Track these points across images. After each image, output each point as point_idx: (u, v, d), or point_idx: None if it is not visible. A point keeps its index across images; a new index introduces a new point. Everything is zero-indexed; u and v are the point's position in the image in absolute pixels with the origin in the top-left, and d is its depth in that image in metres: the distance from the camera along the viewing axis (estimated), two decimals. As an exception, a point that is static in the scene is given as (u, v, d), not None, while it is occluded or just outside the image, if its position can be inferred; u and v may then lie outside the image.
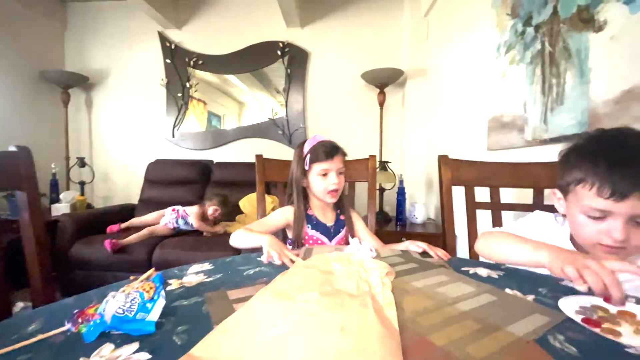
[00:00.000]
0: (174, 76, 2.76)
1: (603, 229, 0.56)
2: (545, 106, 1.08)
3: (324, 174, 0.95)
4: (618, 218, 0.53)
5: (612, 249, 0.56)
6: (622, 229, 0.53)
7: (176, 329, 0.39)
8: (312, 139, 0.99)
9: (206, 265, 0.63)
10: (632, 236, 0.54)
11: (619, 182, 0.52)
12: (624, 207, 0.52)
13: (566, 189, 0.62)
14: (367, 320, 0.33)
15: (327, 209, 1.03)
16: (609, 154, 0.54)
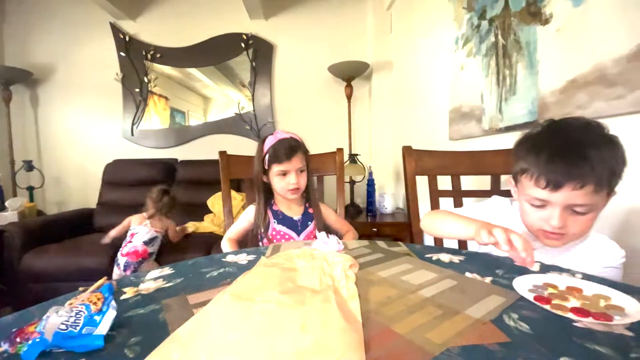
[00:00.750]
0: (130, 70, 2.60)
1: (543, 217, 0.60)
2: (500, 97, 1.13)
3: (282, 174, 0.96)
4: (555, 207, 0.57)
5: (551, 235, 0.60)
6: (558, 217, 0.57)
7: (128, 342, 0.36)
8: (272, 136, 0.98)
9: (166, 270, 0.59)
10: (570, 224, 0.58)
11: (553, 173, 0.56)
12: (559, 196, 0.56)
13: (516, 178, 0.66)
14: (329, 315, 0.33)
15: (292, 203, 1.03)
16: (549, 146, 0.58)
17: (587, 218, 0.57)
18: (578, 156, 0.54)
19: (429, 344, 0.33)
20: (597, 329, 0.35)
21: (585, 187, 0.54)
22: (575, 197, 0.55)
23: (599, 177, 0.54)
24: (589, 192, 0.54)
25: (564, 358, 0.30)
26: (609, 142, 0.56)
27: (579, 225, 0.58)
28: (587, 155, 0.54)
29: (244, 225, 0.99)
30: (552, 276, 0.50)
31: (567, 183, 0.54)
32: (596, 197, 0.55)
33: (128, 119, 2.63)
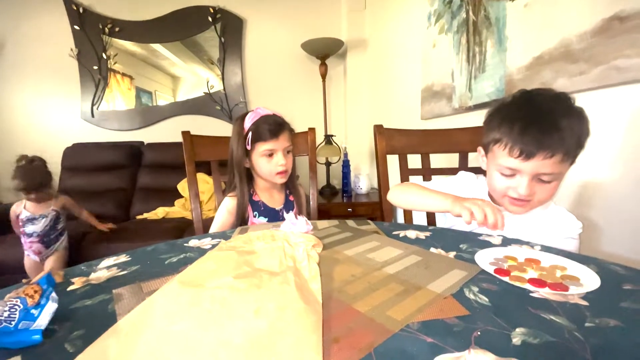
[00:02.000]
0: (86, 46, 2.40)
1: (511, 185, 0.62)
2: (469, 74, 1.13)
3: (269, 154, 0.86)
4: (525, 175, 0.59)
5: (517, 201, 0.62)
6: (527, 185, 0.59)
7: (70, 336, 0.33)
8: (253, 112, 0.88)
9: (122, 258, 0.56)
10: (537, 190, 0.60)
11: (527, 143, 0.57)
12: (530, 166, 0.58)
13: (487, 148, 0.67)
14: (286, 297, 0.31)
15: (273, 191, 0.95)
16: (522, 116, 0.59)
17: (552, 186, 0.60)
18: (550, 126, 0.55)
19: (389, 321, 0.32)
20: (553, 299, 0.36)
21: (554, 157, 0.56)
22: (544, 166, 0.57)
23: (568, 147, 0.56)
24: (557, 162, 0.56)
25: (520, 329, 0.30)
26: (577, 113, 0.58)
27: (544, 192, 0.60)
28: (559, 125, 0.55)
29: (229, 221, 0.89)
30: (512, 249, 0.51)
31: (539, 152, 0.56)
32: (562, 166, 0.57)
33: (87, 99, 2.44)
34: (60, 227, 1.59)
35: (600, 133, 0.73)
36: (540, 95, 0.61)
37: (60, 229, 1.59)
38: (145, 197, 2.18)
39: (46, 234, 1.53)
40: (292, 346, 0.25)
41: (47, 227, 1.53)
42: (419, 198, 0.70)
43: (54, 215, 1.56)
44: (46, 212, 1.54)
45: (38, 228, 1.51)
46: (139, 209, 2.14)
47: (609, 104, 0.72)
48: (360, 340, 0.29)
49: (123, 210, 2.15)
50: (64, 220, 1.63)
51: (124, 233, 1.78)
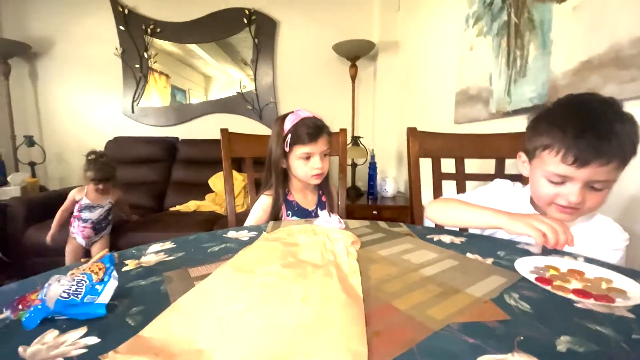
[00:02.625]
0: (130, 45, 2.54)
1: (561, 192, 0.59)
2: (509, 78, 1.10)
3: (306, 157, 0.87)
4: (576, 183, 0.56)
5: (566, 209, 0.59)
6: (578, 193, 0.56)
7: (130, 311, 0.37)
8: (294, 114, 0.88)
9: (167, 244, 0.59)
10: (587, 199, 0.57)
11: (582, 150, 0.53)
12: (584, 173, 0.55)
13: (532, 153, 0.64)
14: (330, 289, 0.33)
15: (307, 192, 0.96)
16: (576, 122, 0.56)
17: (603, 194, 0.57)
18: (607, 132, 0.52)
19: (429, 320, 0.33)
20: (598, 310, 0.35)
21: (610, 164, 0.53)
22: (598, 173, 0.54)
23: (624, 153, 0.53)
24: (612, 169, 0.54)
25: (565, 337, 0.30)
26: (630, 118, 0.55)
27: (594, 200, 0.57)
28: (615, 130, 0.52)
29: (263, 217, 0.90)
30: (553, 259, 0.49)
31: (595, 160, 0.53)
32: (616, 174, 0.55)
33: (128, 95, 2.59)
34: (110, 218, 1.73)
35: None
36: (591, 99, 0.57)
37: (110, 219, 1.73)
38: (178, 191, 2.28)
39: (99, 222, 1.67)
40: (337, 334, 0.27)
41: (101, 217, 1.67)
42: (465, 215, 0.66)
43: (110, 206, 1.70)
44: (104, 203, 1.67)
45: (94, 216, 1.65)
46: (173, 201, 2.24)
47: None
48: (402, 336, 0.30)
49: (157, 202, 2.26)
50: (114, 211, 1.77)
51: (160, 223, 1.87)
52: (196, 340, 0.26)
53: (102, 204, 1.67)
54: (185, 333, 0.27)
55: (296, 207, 0.93)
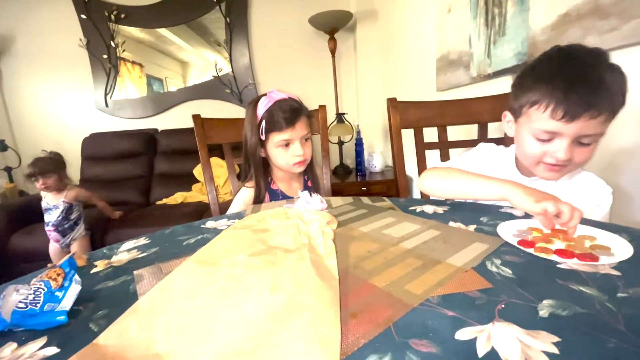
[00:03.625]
0: (95, 35, 2.40)
1: (549, 149, 0.56)
2: (488, 39, 1.06)
3: (285, 144, 0.80)
4: (564, 138, 0.54)
5: (554, 167, 0.57)
6: (566, 149, 0.54)
7: (94, 315, 0.34)
8: (266, 97, 0.80)
9: (142, 240, 0.57)
10: (575, 154, 0.55)
11: (572, 103, 0.51)
12: (573, 128, 0.52)
13: (518, 112, 0.61)
14: (302, 274, 0.31)
15: (292, 181, 0.91)
16: (564, 75, 0.53)
17: (590, 148, 0.55)
18: (598, 83, 0.50)
19: (408, 296, 0.31)
20: (582, 269, 0.34)
21: (600, 116, 0.51)
22: (588, 127, 0.52)
23: (614, 105, 0.51)
24: (601, 122, 0.52)
25: (547, 301, 0.29)
26: (617, 67, 0.52)
27: (582, 156, 0.56)
28: (605, 81, 0.50)
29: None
30: (536, 220, 0.48)
31: (586, 113, 0.51)
32: (605, 126, 0.53)
33: (100, 89, 2.47)
34: (74, 218, 1.65)
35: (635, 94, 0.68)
36: (579, 50, 0.54)
37: (74, 219, 1.65)
38: (163, 183, 2.23)
39: (59, 223, 1.61)
40: (309, 321, 0.25)
41: (59, 218, 1.60)
42: (467, 185, 0.60)
43: (65, 206, 1.62)
44: (58, 203, 1.61)
45: (52, 218, 1.60)
46: (158, 194, 2.19)
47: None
48: (379, 315, 0.29)
49: (143, 197, 2.21)
50: (79, 210, 1.69)
51: (146, 218, 1.83)
52: (154, 343, 0.24)
53: (57, 205, 1.61)
54: (143, 337, 0.24)
55: (281, 196, 0.88)
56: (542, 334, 0.25)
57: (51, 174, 1.57)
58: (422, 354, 0.24)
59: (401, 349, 0.25)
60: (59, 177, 1.60)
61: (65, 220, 1.62)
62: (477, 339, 0.25)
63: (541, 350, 0.23)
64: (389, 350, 0.25)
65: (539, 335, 0.25)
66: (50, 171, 1.57)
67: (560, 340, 0.24)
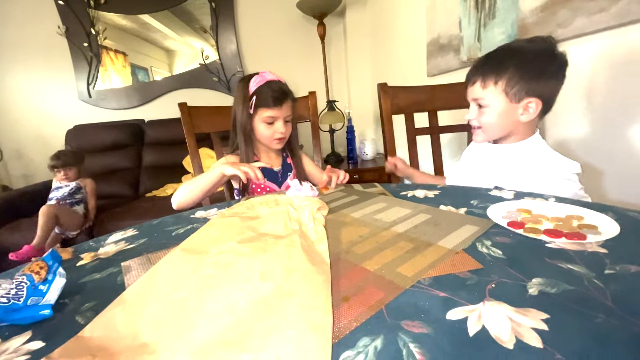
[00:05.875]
0: (74, 22, 2.29)
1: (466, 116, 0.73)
2: (478, 22, 1.05)
3: (270, 121, 0.86)
4: (471, 102, 0.71)
5: (472, 129, 0.74)
6: (471, 111, 0.70)
7: (80, 308, 0.33)
8: (259, 76, 0.86)
9: (130, 232, 0.56)
10: (480, 116, 0.69)
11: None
12: (469, 93, 0.70)
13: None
14: (292, 260, 0.30)
15: (271, 153, 0.95)
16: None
17: (488, 112, 0.67)
18: (480, 60, 0.68)
19: (399, 278, 0.31)
20: (570, 248, 0.35)
21: (475, 83, 0.67)
22: (471, 92, 0.69)
23: (484, 74, 0.65)
24: (477, 88, 0.67)
25: (536, 279, 0.29)
26: (520, 47, 0.65)
27: (483, 118, 0.68)
28: (487, 56, 0.67)
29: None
30: (525, 202, 0.49)
31: (468, 81, 0.69)
32: (485, 92, 0.65)
33: (82, 79, 2.38)
34: (77, 197, 1.76)
35: (619, 74, 0.68)
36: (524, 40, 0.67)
37: (77, 200, 1.76)
38: (152, 175, 2.19)
39: (63, 198, 1.73)
40: (299, 307, 0.25)
41: (66, 194, 1.74)
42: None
43: (75, 186, 1.78)
44: (70, 183, 1.78)
45: (59, 194, 1.74)
46: (148, 186, 2.16)
47: (630, 43, 0.66)
48: (371, 298, 0.29)
49: (132, 189, 2.17)
50: (84, 196, 1.79)
51: (135, 211, 1.80)
52: (140, 334, 0.23)
53: (68, 184, 1.77)
54: (129, 328, 0.24)
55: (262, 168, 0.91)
56: (531, 311, 0.25)
57: (72, 167, 1.77)
58: (414, 334, 0.24)
59: (393, 331, 0.25)
60: (78, 170, 1.81)
61: (69, 196, 1.74)
62: (468, 319, 0.25)
63: (531, 327, 0.23)
64: (381, 332, 0.24)
65: (529, 312, 0.25)
66: (71, 164, 1.77)
67: (550, 317, 0.24)
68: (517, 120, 0.65)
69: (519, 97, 0.63)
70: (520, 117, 0.64)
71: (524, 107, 0.64)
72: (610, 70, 0.71)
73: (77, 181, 1.79)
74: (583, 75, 0.75)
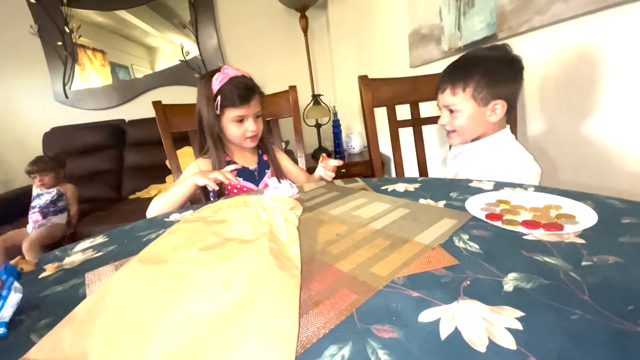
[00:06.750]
0: (46, 20, 2.20)
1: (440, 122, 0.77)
2: (458, 11, 1.04)
3: (239, 120, 0.83)
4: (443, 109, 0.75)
5: (448, 134, 0.76)
6: (442, 117, 0.74)
7: (37, 325, 0.31)
8: (220, 73, 0.82)
9: (99, 239, 0.53)
10: (452, 120, 0.72)
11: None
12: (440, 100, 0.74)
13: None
14: (258, 266, 0.29)
15: (246, 152, 0.93)
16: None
17: (459, 116, 0.70)
18: (447, 69, 0.72)
19: (373, 278, 0.30)
20: (547, 239, 0.34)
21: (445, 92, 0.70)
22: (442, 99, 0.72)
23: (453, 82, 0.69)
24: (448, 95, 0.70)
25: (512, 274, 0.28)
26: (483, 55, 0.69)
27: (456, 122, 0.71)
28: (454, 64, 0.71)
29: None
30: (504, 192, 0.48)
31: (438, 90, 0.73)
32: (455, 99, 0.69)
33: (57, 79, 2.30)
34: (60, 205, 1.71)
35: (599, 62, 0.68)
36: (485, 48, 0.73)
37: (60, 208, 1.71)
38: (135, 176, 2.14)
39: (46, 206, 1.68)
40: (263, 316, 0.23)
41: (48, 202, 1.69)
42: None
43: (57, 193, 1.72)
44: (51, 190, 1.73)
45: (41, 202, 1.68)
46: (131, 188, 2.10)
47: (606, 29, 0.66)
48: (342, 301, 0.27)
49: (114, 192, 2.11)
50: (66, 204, 1.74)
51: (119, 214, 1.76)
52: (89, 355, 0.21)
53: (49, 192, 1.71)
54: (77, 349, 0.22)
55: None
56: (506, 309, 0.24)
57: (48, 172, 1.71)
58: (384, 340, 0.23)
59: (362, 337, 0.23)
60: (55, 175, 1.74)
61: (52, 204, 1.69)
62: (441, 320, 0.24)
63: (504, 327, 0.23)
64: (349, 339, 0.23)
65: (503, 310, 0.24)
66: (47, 170, 1.71)
67: (524, 314, 0.23)
68: (487, 121, 0.69)
69: (485, 100, 0.67)
70: (489, 118, 0.69)
71: (491, 109, 0.68)
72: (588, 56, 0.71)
73: (57, 187, 1.74)
74: (565, 62, 0.75)
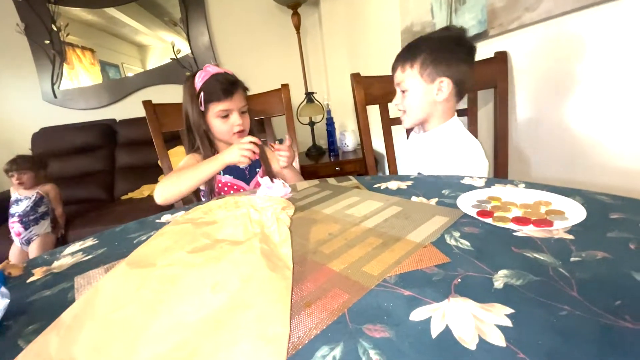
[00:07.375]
0: (33, 18, 2.16)
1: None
2: (450, 8, 1.04)
3: (224, 115, 0.83)
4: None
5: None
6: (397, 97, 0.77)
7: (25, 330, 0.31)
8: (202, 71, 0.85)
9: (89, 241, 0.52)
10: (403, 100, 0.76)
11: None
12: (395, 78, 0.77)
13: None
14: (250, 267, 0.29)
15: None
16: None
17: (408, 95, 0.72)
18: (403, 48, 0.74)
19: (365, 278, 0.30)
20: (537, 236, 0.34)
21: (397, 69, 0.73)
22: (395, 78, 0.74)
23: (404, 60, 0.71)
24: (399, 72, 0.73)
25: (502, 271, 0.29)
26: (433, 35, 0.73)
27: (406, 101, 0.73)
28: (407, 45, 0.73)
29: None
30: (496, 189, 0.48)
31: (393, 67, 0.75)
32: (404, 75, 0.71)
33: (45, 78, 2.25)
34: (41, 211, 1.63)
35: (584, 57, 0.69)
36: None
37: (41, 213, 1.63)
38: (127, 177, 2.11)
39: (26, 214, 1.58)
40: (254, 319, 0.23)
41: (27, 208, 1.59)
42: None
43: (37, 197, 1.62)
44: (30, 194, 1.62)
45: (20, 209, 1.59)
46: (123, 189, 2.08)
47: (593, 26, 0.67)
48: (334, 301, 0.27)
49: (106, 193, 2.09)
50: (47, 207, 1.65)
51: (112, 215, 1.74)
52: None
53: (28, 195, 1.62)
54: (63, 355, 0.22)
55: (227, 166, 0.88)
56: (496, 306, 0.24)
57: (26, 171, 1.61)
58: (375, 340, 0.23)
59: (354, 337, 0.23)
60: (34, 175, 1.64)
61: (32, 211, 1.60)
62: (432, 318, 0.24)
63: (494, 324, 0.23)
64: (341, 340, 0.23)
65: (493, 308, 0.24)
66: (26, 168, 1.61)
67: (514, 311, 0.24)
68: (434, 100, 0.70)
69: (432, 77, 0.69)
70: (436, 97, 0.70)
71: (437, 87, 0.69)
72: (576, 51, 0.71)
73: (37, 189, 1.64)
74: (555, 58, 0.75)
